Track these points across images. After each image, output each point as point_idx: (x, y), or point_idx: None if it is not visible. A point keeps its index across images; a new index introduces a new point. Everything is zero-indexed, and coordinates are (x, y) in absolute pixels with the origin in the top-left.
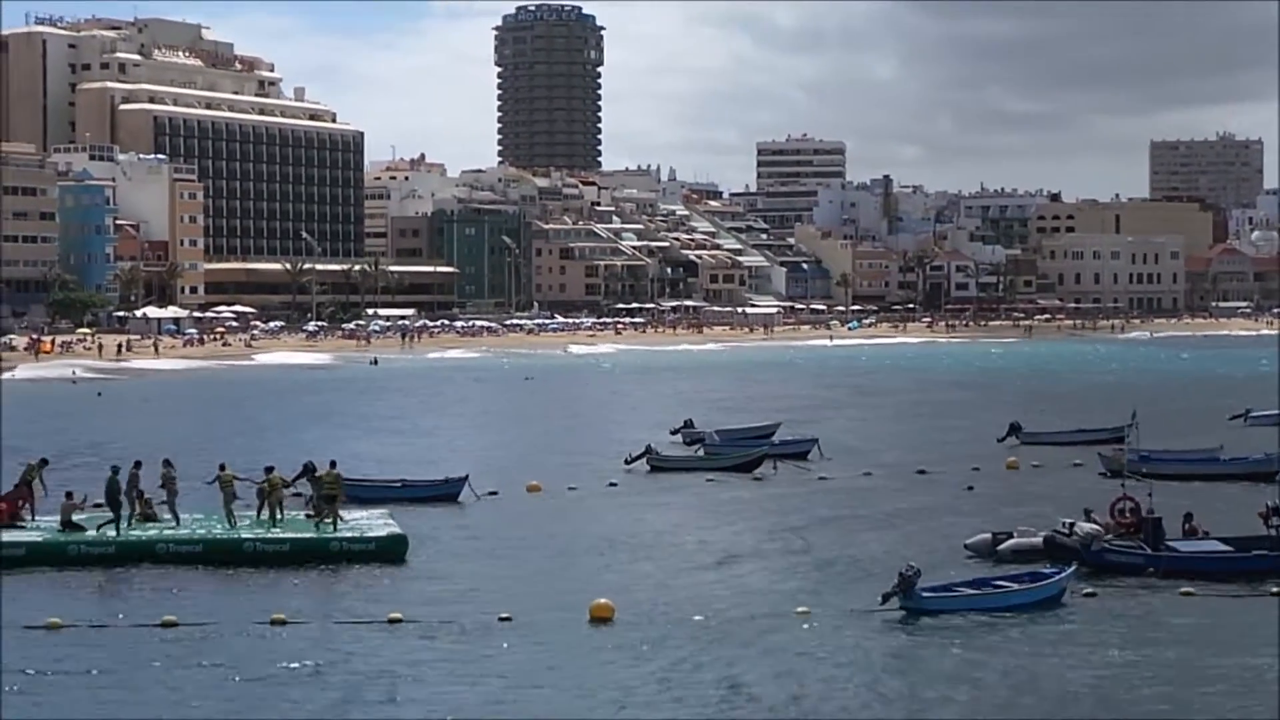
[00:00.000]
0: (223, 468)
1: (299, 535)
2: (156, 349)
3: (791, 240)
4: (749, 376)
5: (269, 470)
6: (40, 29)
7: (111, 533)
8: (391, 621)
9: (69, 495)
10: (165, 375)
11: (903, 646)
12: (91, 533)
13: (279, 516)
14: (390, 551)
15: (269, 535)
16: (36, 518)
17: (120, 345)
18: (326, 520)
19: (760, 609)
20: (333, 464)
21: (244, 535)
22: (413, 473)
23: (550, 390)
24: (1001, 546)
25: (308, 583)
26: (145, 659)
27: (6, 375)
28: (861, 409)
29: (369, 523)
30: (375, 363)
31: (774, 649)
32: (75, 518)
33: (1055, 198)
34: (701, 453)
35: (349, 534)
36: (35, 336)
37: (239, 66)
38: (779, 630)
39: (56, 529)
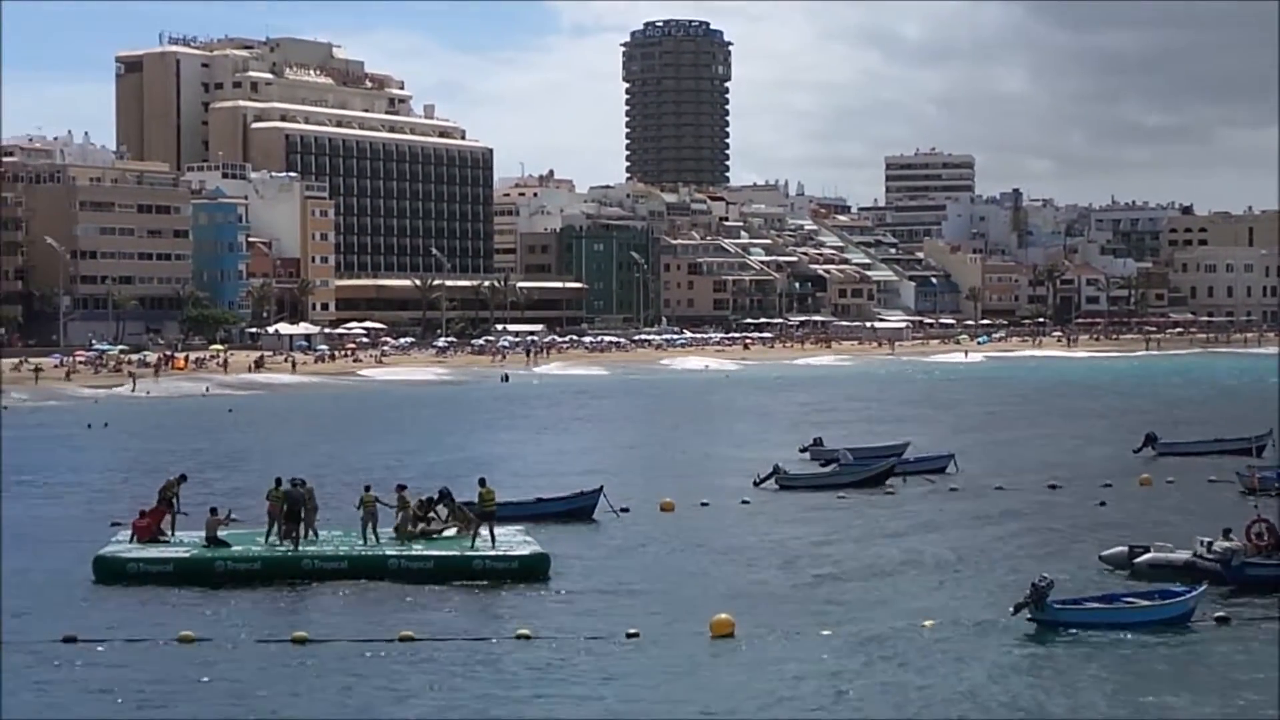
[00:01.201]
0: (367, 489)
1: (443, 553)
2: (293, 365)
3: (920, 254)
4: (881, 392)
5: (401, 488)
6: (174, 49)
7: (276, 547)
8: (519, 638)
9: (213, 511)
10: (296, 390)
11: (1033, 659)
12: (238, 548)
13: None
14: (533, 569)
15: (413, 553)
16: (176, 533)
17: (254, 361)
18: (473, 536)
19: (887, 622)
20: (482, 481)
21: (389, 552)
22: (543, 489)
23: (680, 405)
24: (1138, 560)
25: (445, 600)
26: (269, 673)
27: (140, 390)
28: (995, 422)
29: (511, 540)
30: (506, 379)
31: (901, 662)
32: (219, 533)
33: (1187, 210)
34: (832, 470)
35: (492, 552)
36: (169, 353)
37: (369, 84)
38: (906, 643)
39: (201, 545)
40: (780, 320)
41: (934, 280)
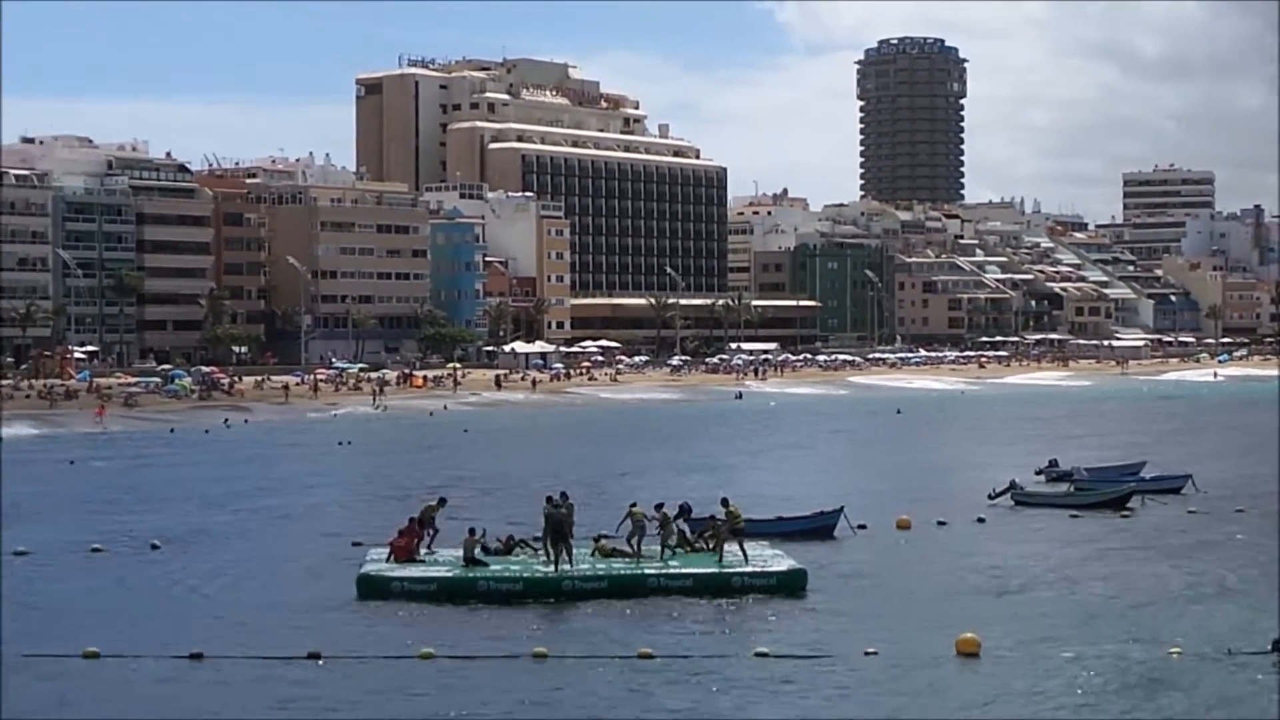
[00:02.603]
0: (634, 505)
1: (701, 570)
2: (533, 384)
3: (1159, 272)
4: (1119, 410)
5: (659, 507)
6: (413, 71)
7: (541, 567)
8: (758, 656)
9: (471, 531)
10: (531, 408)
11: None
12: (497, 568)
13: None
14: (790, 585)
15: (672, 570)
16: (433, 551)
17: (495, 379)
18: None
19: (1130, 646)
20: (725, 501)
21: (647, 570)
22: (781, 507)
23: (913, 423)
24: None
25: (697, 616)
26: (506, 691)
27: (377, 408)
28: (1239, 443)
29: (765, 555)
30: (739, 397)
31: (1144, 687)
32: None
33: None
34: (1068, 489)
35: (750, 569)
36: (407, 371)
37: (605, 104)
38: (1150, 668)
39: (460, 565)
40: (1016, 339)
41: (1173, 298)
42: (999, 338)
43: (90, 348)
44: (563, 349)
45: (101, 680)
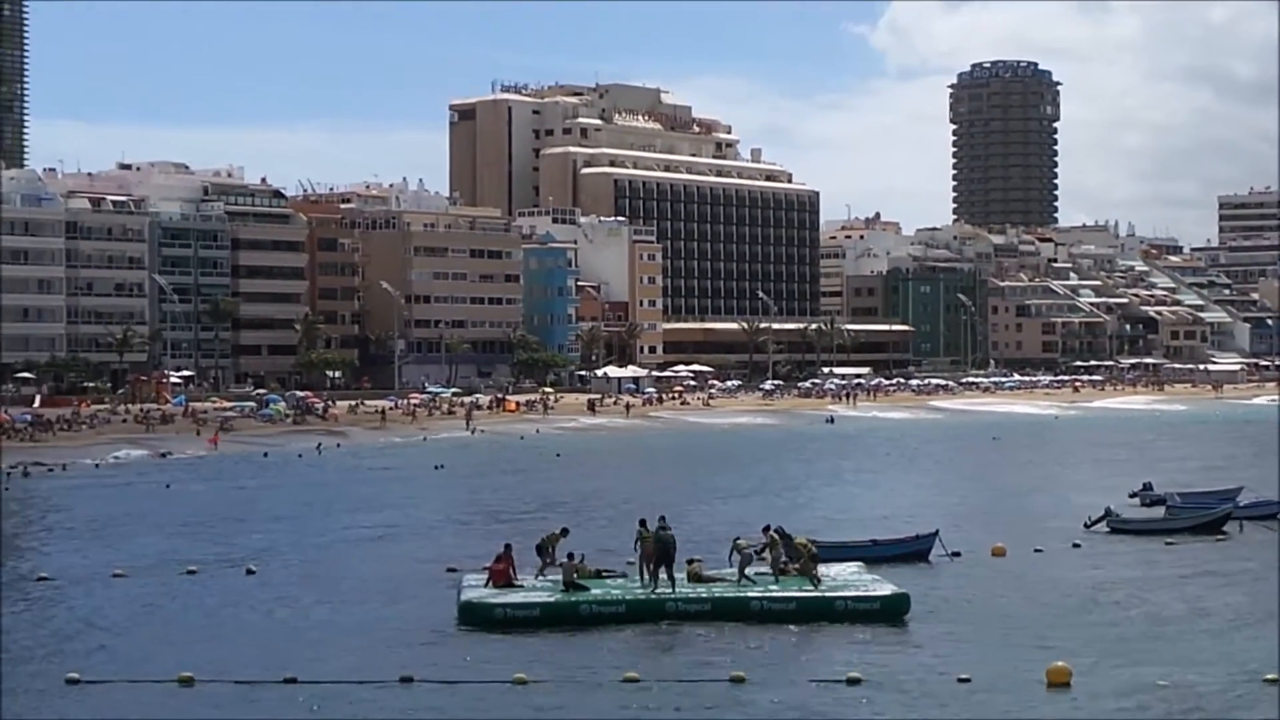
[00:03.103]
0: (738, 539)
1: (804, 594)
2: (627, 409)
3: (1255, 295)
4: (1216, 434)
5: (767, 529)
6: (506, 96)
7: (637, 591)
8: (850, 681)
9: (570, 556)
10: (624, 433)
11: None
12: (599, 592)
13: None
14: (892, 610)
15: (776, 594)
16: (546, 576)
17: (588, 403)
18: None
19: (1226, 675)
20: (781, 531)
21: (751, 594)
22: (875, 531)
23: (1007, 448)
24: None
25: (792, 640)
26: (595, 714)
27: (471, 431)
28: None
29: (868, 580)
30: (831, 421)
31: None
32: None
33: None
34: (1163, 514)
35: (853, 593)
36: (500, 395)
37: (697, 129)
38: (1247, 697)
39: (560, 590)
40: (1110, 363)
41: (1269, 321)
42: (1093, 362)
43: (186, 372)
44: (655, 373)
45: (196, 703)
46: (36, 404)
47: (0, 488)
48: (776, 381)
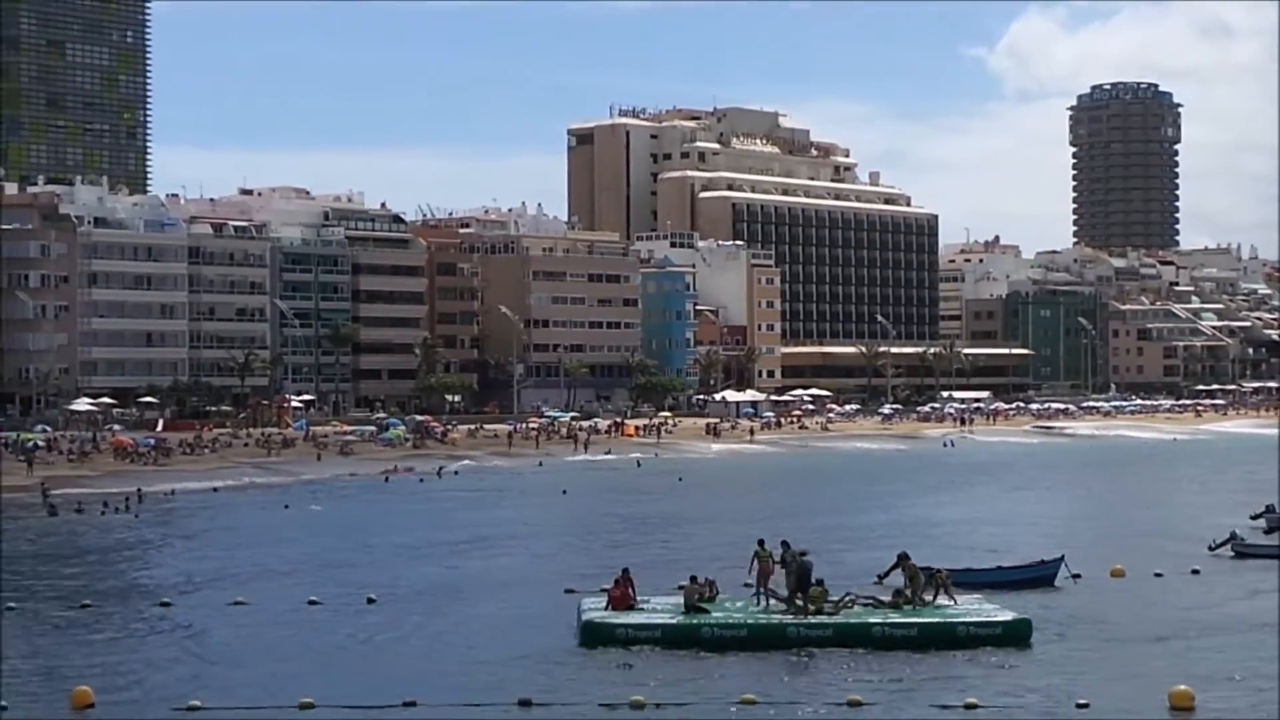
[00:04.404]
0: (904, 555)
1: (926, 620)
2: (751, 433)
3: None
4: None
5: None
6: (624, 121)
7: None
8: (968, 706)
9: (693, 579)
10: (742, 456)
11: None
12: (720, 615)
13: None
14: (1014, 635)
15: (898, 620)
16: (649, 601)
17: (708, 427)
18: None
19: None
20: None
21: (872, 620)
22: (1000, 555)
23: (1128, 471)
24: None
25: (916, 665)
26: None
27: (594, 453)
28: None
29: (986, 605)
30: (950, 444)
31: None
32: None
33: None
34: None
35: (976, 619)
36: (619, 419)
37: (815, 153)
38: None
39: (681, 612)
40: (1233, 387)
41: None
42: (1215, 386)
43: (306, 396)
44: (773, 397)
45: None
46: (160, 428)
47: (129, 511)
48: (895, 405)
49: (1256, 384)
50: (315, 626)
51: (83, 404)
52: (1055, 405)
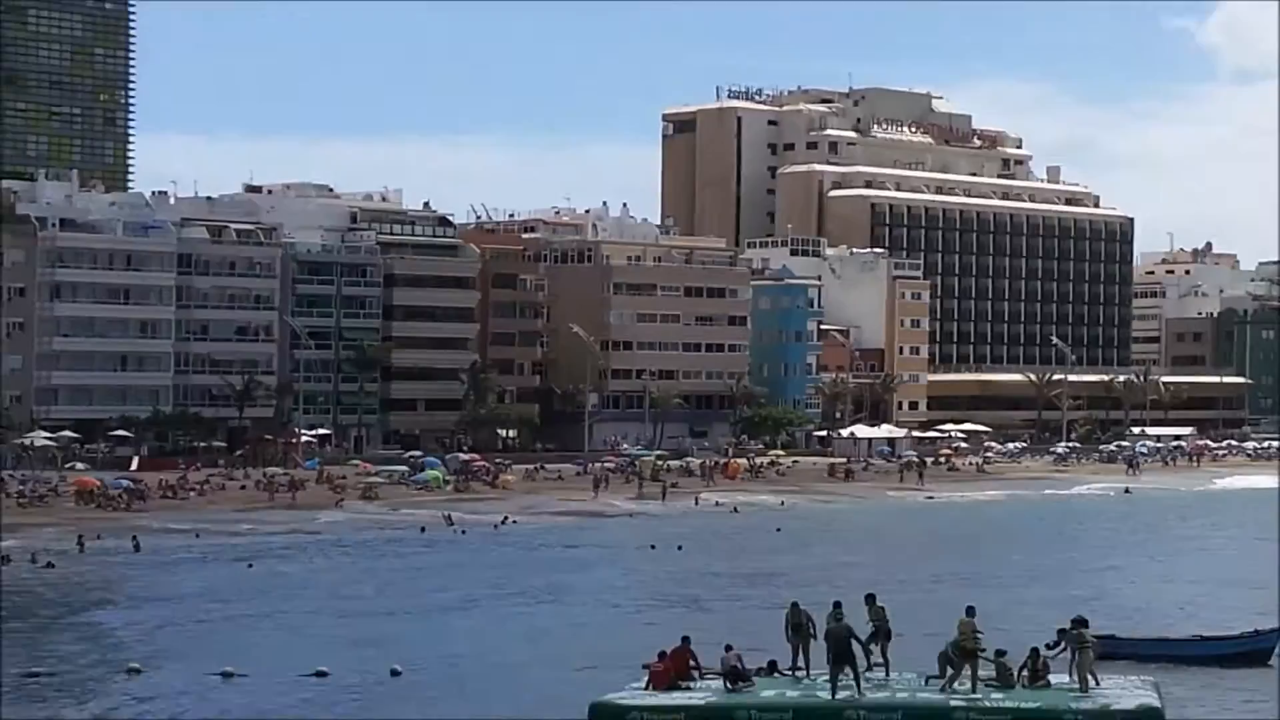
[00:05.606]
0: (1078, 619)
1: (1024, 704)
2: (901, 476)
3: None
4: None
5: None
6: (734, 104)
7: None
8: None
9: (728, 648)
10: (861, 506)
11: None
12: (767, 693)
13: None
14: None
15: (983, 704)
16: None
17: (835, 467)
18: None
19: None
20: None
21: (954, 702)
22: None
23: None
24: None
25: None
26: None
27: (660, 502)
28: None
29: (1117, 690)
30: (1127, 491)
31: None
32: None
33: None
34: None
35: (1088, 705)
36: (719, 459)
37: (978, 143)
38: None
39: (724, 688)
40: None
41: None
42: None
43: (321, 431)
44: (916, 433)
45: None
46: (134, 466)
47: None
48: (1072, 443)
49: None
50: (324, 705)
51: (39, 438)
52: (1276, 444)
